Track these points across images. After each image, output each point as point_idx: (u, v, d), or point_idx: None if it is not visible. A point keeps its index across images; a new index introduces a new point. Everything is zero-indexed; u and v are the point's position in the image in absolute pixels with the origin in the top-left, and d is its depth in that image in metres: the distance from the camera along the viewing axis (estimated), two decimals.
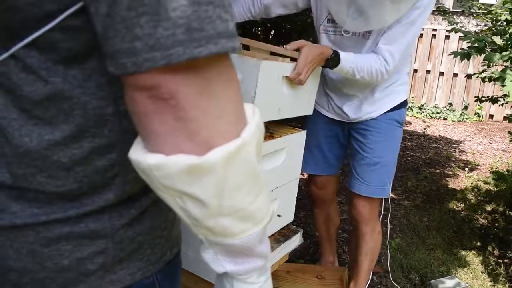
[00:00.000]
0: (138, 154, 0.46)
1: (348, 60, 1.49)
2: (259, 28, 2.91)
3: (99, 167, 0.52)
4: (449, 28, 2.82)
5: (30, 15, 0.44)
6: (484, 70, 3.25)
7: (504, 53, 2.15)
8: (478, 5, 3.04)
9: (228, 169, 0.45)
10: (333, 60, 1.47)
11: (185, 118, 0.43)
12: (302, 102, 1.45)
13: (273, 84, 1.25)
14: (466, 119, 6.33)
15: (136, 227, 0.57)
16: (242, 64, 1.16)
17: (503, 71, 2.18)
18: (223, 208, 0.47)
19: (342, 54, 1.48)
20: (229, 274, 0.56)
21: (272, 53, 1.39)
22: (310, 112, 1.53)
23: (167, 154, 0.44)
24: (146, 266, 0.60)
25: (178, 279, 0.69)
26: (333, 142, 1.90)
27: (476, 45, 2.27)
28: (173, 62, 0.40)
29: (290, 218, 1.57)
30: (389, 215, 1.90)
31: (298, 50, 1.38)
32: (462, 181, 3.86)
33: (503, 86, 2.07)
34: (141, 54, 0.40)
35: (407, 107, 1.83)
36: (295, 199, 1.57)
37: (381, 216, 1.88)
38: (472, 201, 3.39)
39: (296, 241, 1.57)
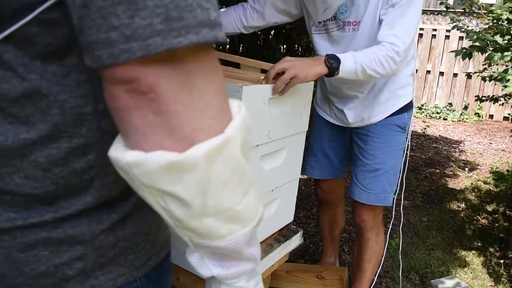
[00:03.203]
0: (117, 152, 0.44)
1: (348, 58, 1.36)
2: None
3: (76, 168, 0.50)
4: (449, 28, 2.81)
5: (7, 7, 0.42)
6: (484, 69, 3.25)
7: (506, 53, 2.14)
8: (480, 4, 3.03)
9: (211, 167, 0.43)
10: (333, 62, 1.34)
11: (166, 112, 0.41)
12: (294, 120, 1.41)
13: (259, 108, 1.21)
14: (466, 119, 6.33)
15: (117, 232, 0.56)
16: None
17: (505, 71, 2.17)
18: (207, 208, 0.45)
19: (339, 55, 1.36)
20: (216, 278, 0.54)
21: (263, 71, 1.38)
22: (305, 129, 1.49)
23: (147, 151, 0.42)
24: (129, 271, 0.58)
25: (166, 283, 0.67)
26: (337, 147, 1.88)
27: (477, 43, 2.27)
28: (151, 53, 0.39)
29: (290, 218, 1.57)
30: (401, 223, 1.89)
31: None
32: (462, 181, 3.86)
33: (505, 86, 2.07)
34: (117, 45, 0.39)
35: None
36: (295, 199, 1.57)
37: (391, 223, 1.87)
38: (472, 201, 3.39)
39: (296, 241, 1.57)
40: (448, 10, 2.94)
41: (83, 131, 0.49)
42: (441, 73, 6.50)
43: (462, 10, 3.08)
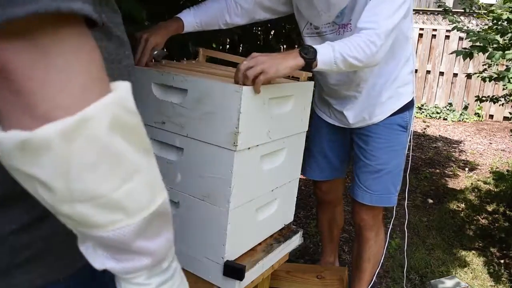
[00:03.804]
0: None
1: (325, 47, 1.29)
2: (259, 28, 2.91)
3: None
4: (449, 28, 2.82)
5: None
6: (484, 70, 3.25)
7: (507, 52, 2.14)
8: (480, 4, 3.03)
9: (69, 147, 0.41)
10: (308, 52, 1.25)
11: (21, 91, 0.40)
12: (294, 121, 1.40)
13: (260, 108, 1.20)
14: (466, 119, 6.33)
15: (33, 233, 0.54)
16: (224, 89, 1.14)
17: (507, 70, 2.17)
18: (74, 192, 0.43)
19: (315, 45, 1.29)
20: (113, 273, 0.51)
21: None
22: (305, 129, 1.48)
23: (6, 130, 0.41)
24: (50, 272, 0.56)
25: (111, 281, 0.65)
26: (337, 147, 1.87)
27: (478, 43, 2.27)
28: None
29: (290, 218, 1.57)
30: (406, 221, 1.89)
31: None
32: (462, 181, 3.86)
33: (506, 84, 2.07)
34: None
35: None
36: (295, 199, 1.56)
37: (391, 222, 1.87)
38: (472, 201, 3.39)
39: (296, 241, 1.56)
40: (447, 12, 2.94)
41: None
42: (441, 73, 6.50)
43: (462, 10, 3.08)
